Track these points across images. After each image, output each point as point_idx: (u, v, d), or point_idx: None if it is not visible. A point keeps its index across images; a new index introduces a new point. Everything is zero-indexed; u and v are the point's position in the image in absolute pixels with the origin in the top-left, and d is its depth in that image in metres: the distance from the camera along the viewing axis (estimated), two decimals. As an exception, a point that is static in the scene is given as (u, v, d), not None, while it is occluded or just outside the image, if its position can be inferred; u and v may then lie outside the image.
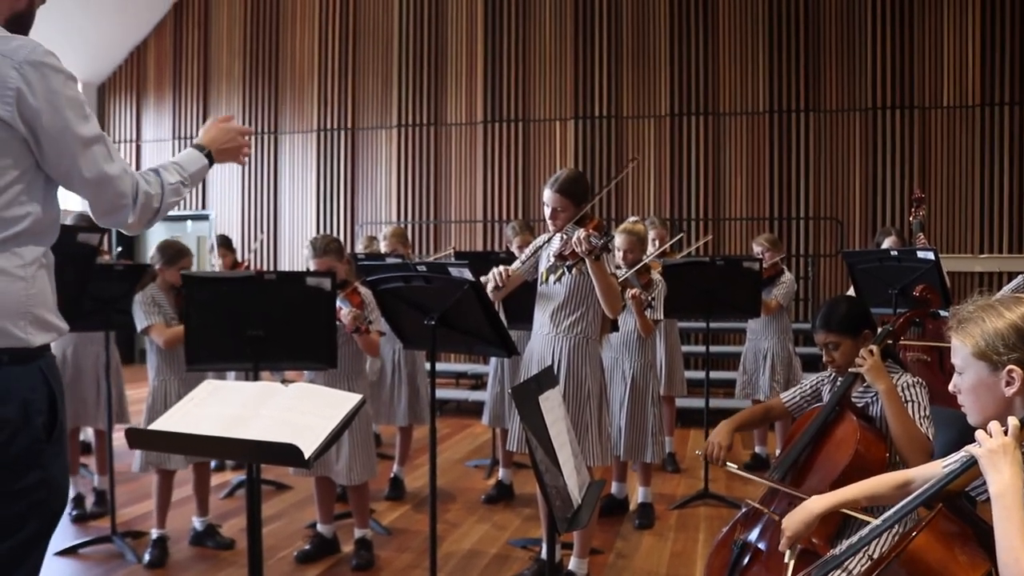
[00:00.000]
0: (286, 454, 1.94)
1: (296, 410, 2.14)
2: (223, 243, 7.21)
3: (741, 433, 4.14)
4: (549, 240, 4.00)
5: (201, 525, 4.62)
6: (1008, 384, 1.81)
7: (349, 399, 2.22)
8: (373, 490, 5.12)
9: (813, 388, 3.19)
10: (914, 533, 1.78)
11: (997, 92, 9.59)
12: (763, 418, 3.37)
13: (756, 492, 2.95)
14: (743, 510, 2.98)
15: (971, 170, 9.65)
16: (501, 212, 10.99)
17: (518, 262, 4.05)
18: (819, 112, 10.06)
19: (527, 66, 10.96)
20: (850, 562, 2.23)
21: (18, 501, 1.85)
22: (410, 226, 11.14)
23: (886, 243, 5.95)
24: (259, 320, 3.52)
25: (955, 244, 9.64)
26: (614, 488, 5.21)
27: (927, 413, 2.79)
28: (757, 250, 6.17)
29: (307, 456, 1.93)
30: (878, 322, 3.30)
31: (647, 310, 4.91)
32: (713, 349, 8.37)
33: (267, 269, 11.28)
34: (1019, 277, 4.58)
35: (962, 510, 1.91)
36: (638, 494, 5.14)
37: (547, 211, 3.93)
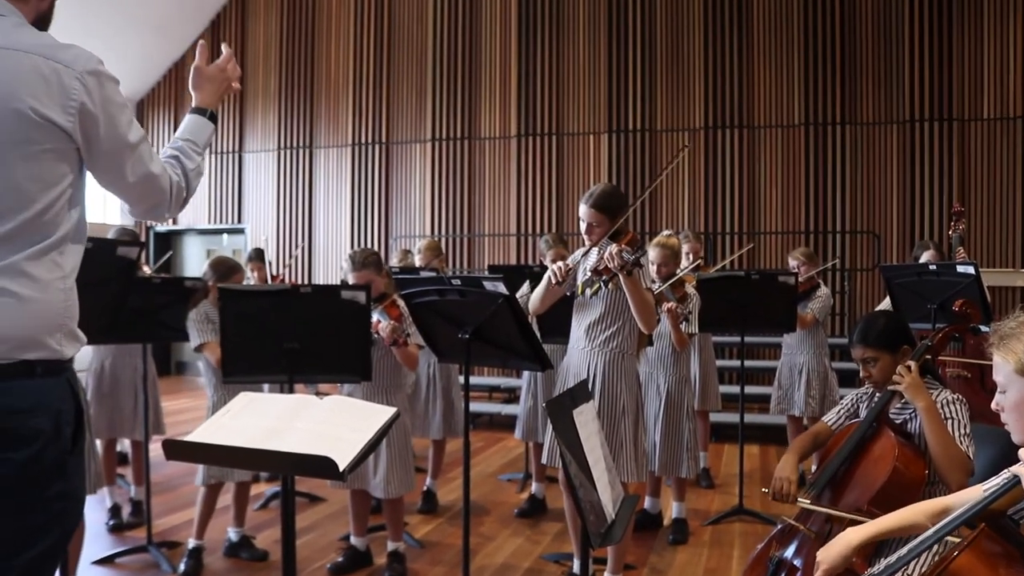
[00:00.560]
0: (321, 466, 1.95)
1: (331, 423, 2.15)
2: (257, 256, 7.29)
3: (778, 450, 4.10)
4: (586, 254, 4.00)
5: (236, 536, 4.66)
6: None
7: (384, 412, 2.22)
8: (406, 503, 5.13)
9: (851, 406, 3.15)
10: (956, 553, 1.75)
11: (1038, 104, 9.46)
12: (814, 445, 3.26)
13: (791, 509, 2.91)
14: (778, 526, 2.95)
15: (1012, 183, 9.50)
16: (534, 225, 11.00)
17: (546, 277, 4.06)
18: (855, 124, 9.97)
19: (561, 80, 10.98)
20: (889, 582, 2.20)
21: (42, 512, 1.84)
22: (444, 239, 11.18)
23: (924, 257, 5.87)
24: (294, 333, 3.54)
25: (995, 258, 9.49)
26: (648, 503, 5.18)
27: (967, 431, 2.74)
28: (793, 264, 6.11)
29: (342, 469, 1.94)
30: (916, 337, 3.25)
31: (682, 324, 4.89)
32: (748, 363, 8.31)
33: (302, 282, 11.37)
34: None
35: (1006, 530, 1.87)
36: (672, 509, 5.10)
37: (583, 226, 3.93)
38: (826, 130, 10.07)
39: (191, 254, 12.70)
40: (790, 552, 2.79)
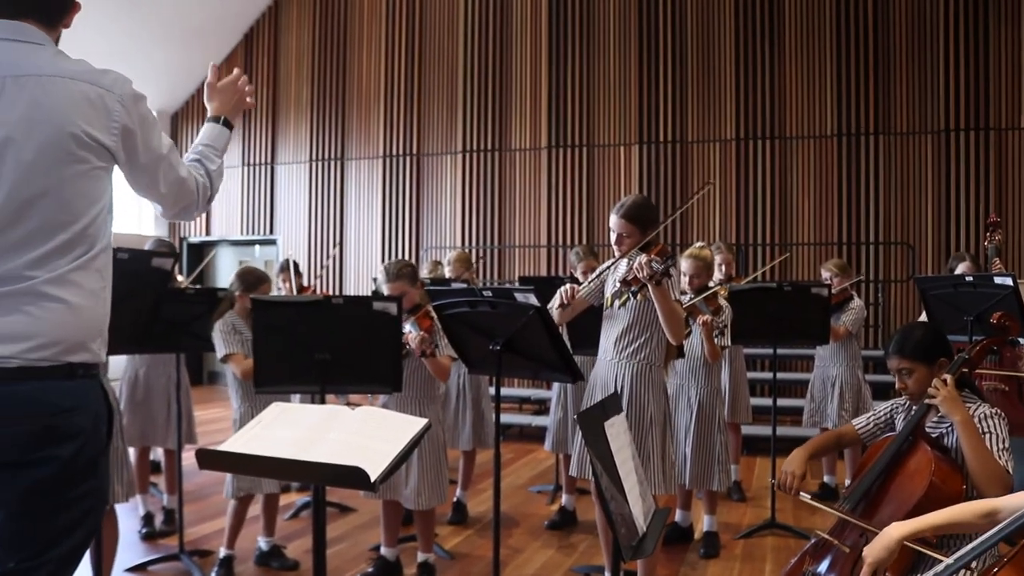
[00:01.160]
0: (352, 477, 1.95)
1: (362, 433, 2.16)
2: (290, 267, 7.34)
3: (811, 462, 4.06)
4: (614, 265, 3.99)
5: (267, 545, 4.68)
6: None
7: (415, 423, 2.23)
8: (436, 514, 5.13)
9: (886, 416, 3.11)
10: (996, 570, 1.72)
11: (1077, 113, 9.32)
12: (835, 445, 3.28)
13: (825, 523, 2.88)
14: (812, 541, 2.92)
15: (1050, 193, 9.38)
16: (565, 237, 11.00)
17: (583, 285, 4.05)
18: (889, 135, 9.87)
19: (591, 91, 10.99)
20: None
21: (74, 508, 1.97)
22: (474, 251, 11.21)
23: (960, 268, 5.80)
24: (326, 344, 3.56)
25: (1033, 270, 9.35)
26: (679, 516, 5.14)
27: (1006, 445, 2.69)
28: (825, 276, 6.07)
29: (373, 479, 1.94)
30: (953, 350, 3.20)
31: (716, 336, 4.86)
32: (780, 376, 8.24)
33: (333, 293, 11.44)
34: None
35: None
36: (703, 523, 5.07)
37: (613, 236, 3.92)
38: (859, 140, 9.98)
39: (224, 265, 12.83)
40: (823, 567, 2.75)
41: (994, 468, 2.61)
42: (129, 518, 5.24)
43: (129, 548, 4.87)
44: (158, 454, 5.96)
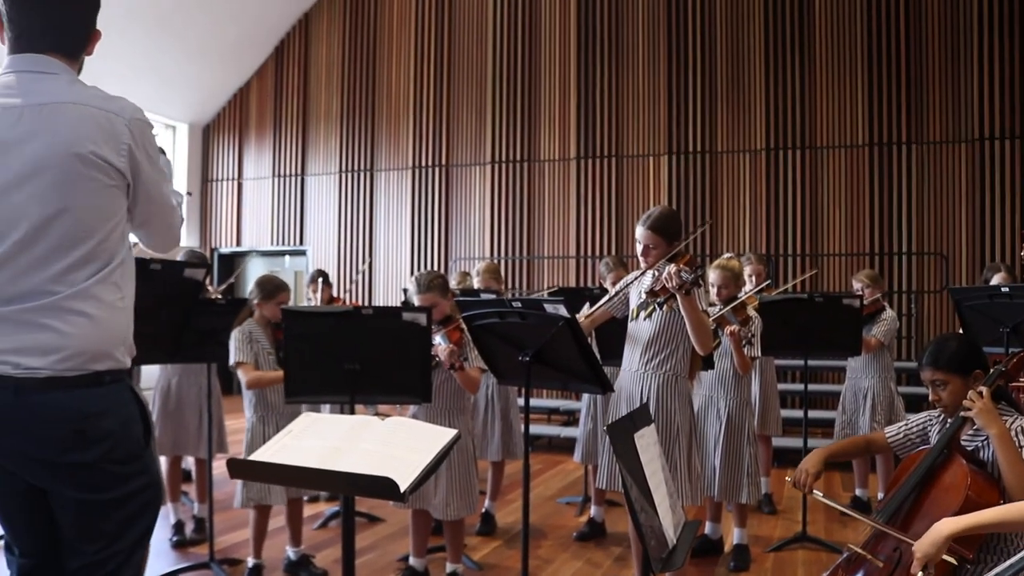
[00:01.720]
0: (382, 487, 1.96)
1: (392, 444, 2.17)
2: (320, 278, 7.40)
3: (843, 475, 4.01)
4: (640, 277, 3.98)
5: (295, 555, 4.69)
6: None
7: (444, 434, 2.23)
8: (465, 524, 5.12)
9: (920, 427, 3.07)
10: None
11: (1114, 122, 9.17)
12: (863, 450, 3.25)
13: (857, 536, 2.85)
14: (844, 555, 2.89)
15: (1087, 203, 9.23)
16: (594, 248, 10.98)
17: (605, 298, 4.05)
18: (922, 144, 9.77)
19: (620, 102, 10.98)
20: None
21: (130, 503, 2.16)
22: (503, 262, 11.22)
23: (995, 279, 5.72)
24: (355, 354, 3.57)
25: (1070, 280, 9.19)
26: (708, 528, 5.11)
27: (1044, 458, 2.65)
28: (857, 286, 6.01)
29: (403, 489, 1.95)
30: (989, 362, 3.16)
31: (745, 347, 4.83)
32: (811, 387, 8.17)
33: (363, 304, 11.49)
34: None
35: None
36: (733, 535, 5.02)
37: (639, 248, 3.92)
38: (891, 150, 9.88)
39: (254, 276, 12.88)
40: (857, 582, 2.72)
41: (1031, 482, 2.58)
42: (160, 526, 5.27)
43: (160, 556, 4.91)
44: (189, 463, 6.01)
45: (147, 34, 10.75)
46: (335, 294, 8.19)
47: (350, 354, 3.57)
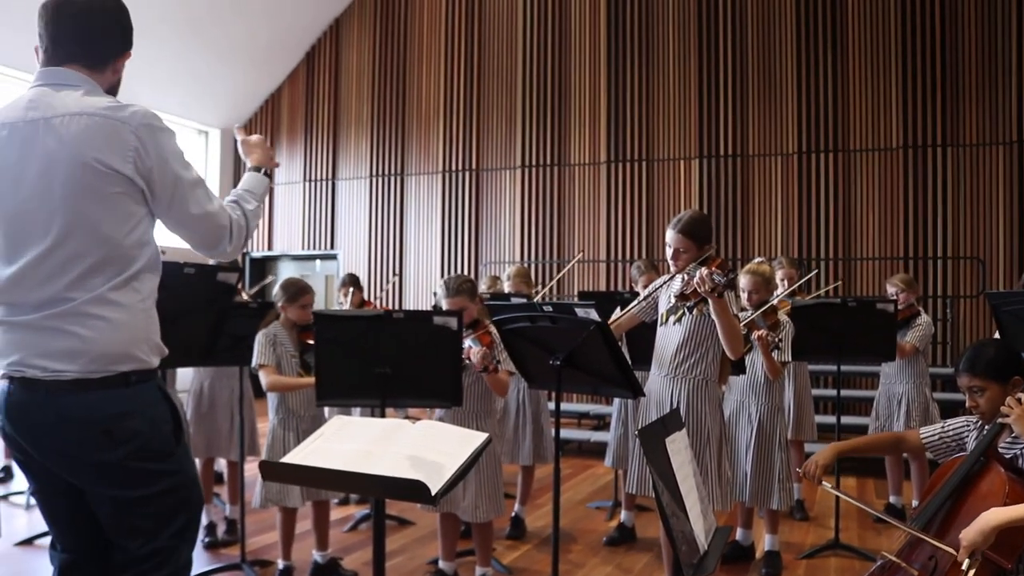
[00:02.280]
0: (413, 490, 1.97)
1: (423, 447, 2.18)
2: (351, 282, 7.44)
3: (876, 482, 3.97)
4: (668, 281, 3.96)
5: (322, 559, 4.67)
6: None
7: (475, 437, 2.24)
8: (495, 529, 5.12)
9: (956, 433, 3.02)
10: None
11: None
12: (891, 447, 3.22)
13: (891, 545, 2.81)
14: (878, 563, 2.85)
15: None
16: (625, 252, 10.95)
17: (634, 303, 4.03)
18: (958, 147, 9.64)
19: (651, 105, 10.94)
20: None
21: (166, 498, 2.22)
22: (533, 266, 11.22)
23: (1034, 284, 5.64)
24: (386, 358, 3.58)
25: (1110, 285, 9.03)
26: (739, 535, 5.06)
27: (1084, 466, 2.61)
28: (891, 291, 5.94)
29: (434, 493, 1.95)
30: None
31: (774, 351, 4.78)
32: (844, 393, 8.07)
33: (394, 308, 11.53)
34: None
35: None
36: (764, 542, 4.97)
37: (669, 252, 3.91)
38: (926, 152, 9.76)
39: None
40: (891, 590, 2.69)
41: (1071, 491, 2.53)
42: (194, 528, 5.33)
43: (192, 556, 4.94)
44: (221, 465, 6.06)
45: (180, 39, 10.88)
46: (366, 298, 8.23)
47: (381, 358, 3.58)
